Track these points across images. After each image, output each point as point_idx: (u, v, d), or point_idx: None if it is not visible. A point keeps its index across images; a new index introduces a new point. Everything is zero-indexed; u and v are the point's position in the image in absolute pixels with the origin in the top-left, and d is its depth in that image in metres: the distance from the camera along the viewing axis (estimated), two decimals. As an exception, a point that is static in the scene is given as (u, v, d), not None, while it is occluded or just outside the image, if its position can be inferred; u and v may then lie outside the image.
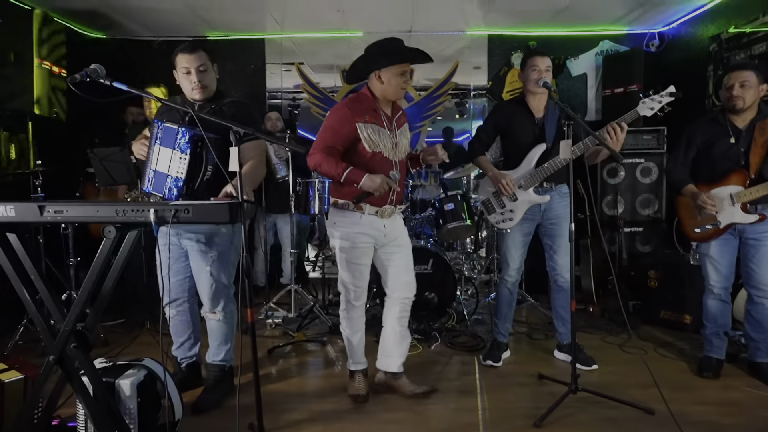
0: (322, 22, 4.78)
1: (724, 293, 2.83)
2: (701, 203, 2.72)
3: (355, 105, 2.44)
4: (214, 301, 2.54)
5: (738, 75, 2.66)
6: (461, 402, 2.60)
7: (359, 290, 2.56)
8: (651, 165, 4.35)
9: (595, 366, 2.96)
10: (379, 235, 2.49)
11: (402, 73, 2.37)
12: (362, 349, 2.68)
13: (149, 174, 2.22)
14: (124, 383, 1.98)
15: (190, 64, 2.38)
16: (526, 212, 2.91)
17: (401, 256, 2.58)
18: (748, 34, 3.71)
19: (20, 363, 2.18)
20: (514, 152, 2.96)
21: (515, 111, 2.94)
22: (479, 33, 5.06)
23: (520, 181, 2.88)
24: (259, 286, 4.62)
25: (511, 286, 3.07)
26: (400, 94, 2.42)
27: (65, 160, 4.07)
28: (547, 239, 3.00)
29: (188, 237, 2.47)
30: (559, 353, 3.15)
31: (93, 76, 1.84)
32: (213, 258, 2.48)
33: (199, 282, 2.55)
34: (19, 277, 1.75)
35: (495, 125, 3.00)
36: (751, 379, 2.81)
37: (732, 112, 2.72)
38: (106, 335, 3.48)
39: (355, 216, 2.46)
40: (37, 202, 1.68)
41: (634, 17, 4.58)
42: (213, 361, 2.64)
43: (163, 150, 2.16)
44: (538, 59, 2.80)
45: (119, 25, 4.66)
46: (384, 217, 2.47)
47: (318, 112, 5.30)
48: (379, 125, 2.43)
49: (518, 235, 2.97)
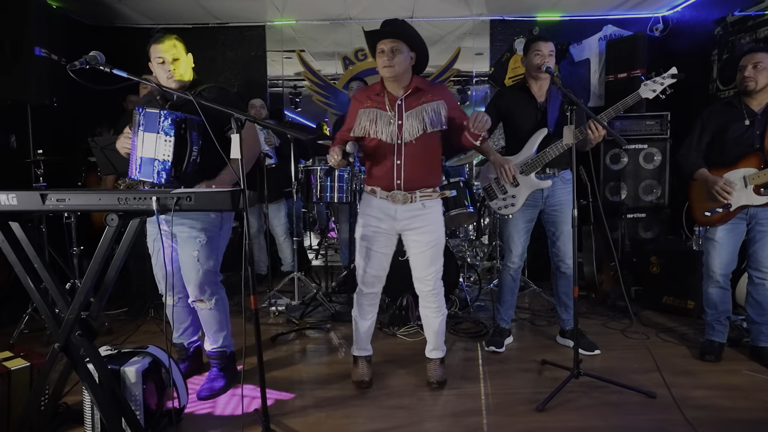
0: (324, 8, 4.74)
1: (723, 280, 2.83)
2: (719, 190, 2.69)
3: (363, 92, 2.52)
4: (201, 288, 2.50)
5: (752, 57, 2.66)
6: (464, 388, 2.61)
7: (369, 276, 2.54)
8: (654, 150, 4.32)
9: (598, 351, 2.97)
10: (389, 220, 2.46)
11: (379, 53, 2.35)
12: (368, 337, 2.69)
13: (136, 161, 2.23)
14: (129, 370, 2.00)
15: (163, 54, 2.36)
16: (528, 198, 2.90)
17: (418, 251, 2.50)
18: (754, 17, 3.67)
19: (26, 351, 2.20)
20: (515, 138, 2.94)
21: (517, 96, 2.92)
22: (481, 18, 5.02)
23: (522, 167, 2.86)
24: (261, 275, 4.63)
25: (514, 273, 3.07)
26: (388, 73, 2.34)
27: (66, 149, 4.06)
28: (549, 226, 2.99)
29: (178, 223, 2.44)
30: (562, 338, 3.16)
31: (92, 63, 1.83)
32: (201, 243, 2.45)
33: (185, 268, 2.49)
34: (23, 265, 1.76)
35: (497, 111, 2.97)
36: (753, 363, 2.82)
37: (745, 94, 2.71)
38: (110, 324, 3.50)
39: (370, 198, 2.51)
40: (39, 191, 1.68)
41: (638, 1, 4.53)
42: (213, 349, 2.65)
43: (147, 135, 2.17)
44: (542, 44, 2.78)
45: (119, 13, 4.62)
46: (396, 202, 2.44)
47: (319, 100, 5.27)
48: (380, 109, 2.41)
49: (521, 221, 2.96)
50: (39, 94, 3.58)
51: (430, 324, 2.64)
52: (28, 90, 3.54)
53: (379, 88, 2.46)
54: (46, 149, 3.44)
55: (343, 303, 3.89)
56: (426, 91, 2.43)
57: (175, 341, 2.78)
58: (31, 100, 3.62)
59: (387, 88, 2.45)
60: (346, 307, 3.74)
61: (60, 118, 4.01)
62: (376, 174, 2.47)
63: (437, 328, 2.63)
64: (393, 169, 2.40)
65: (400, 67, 2.34)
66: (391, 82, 2.42)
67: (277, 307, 3.82)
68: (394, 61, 2.32)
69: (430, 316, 2.62)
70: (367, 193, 2.53)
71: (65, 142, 4.14)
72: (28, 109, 3.68)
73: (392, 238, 2.52)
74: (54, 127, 4.01)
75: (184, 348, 2.79)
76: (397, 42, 2.33)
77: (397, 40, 2.33)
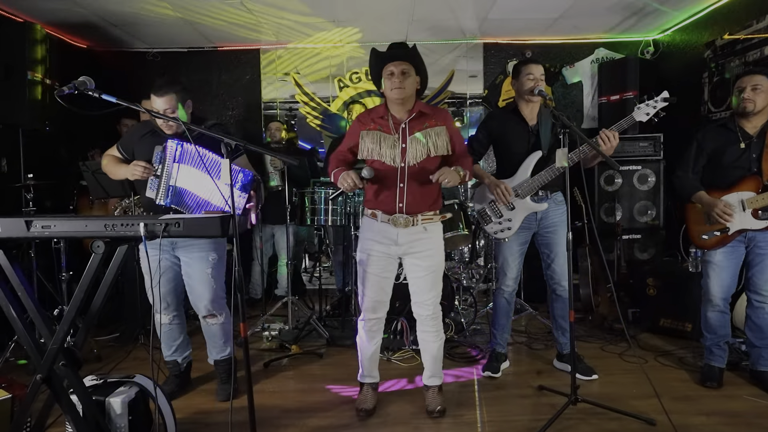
0: (318, 33, 4.78)
1: (723, 304, 2.79)
2: (720, 213, 2.67)
3: (366, 114, 2.51)
4: (215, 303, 2.66)
5: (750, 79, 2.64)
6: (461, 415, 2.55)
7: (371, 302, 2.50)
8: (648, 172, 4.34)
9: (596, 376, 2.93)
10: (390, 244, 2.43)
11: (388, 74, 2.35)
12: (374, 363, 2.64)
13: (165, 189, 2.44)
14: (115, 401, 1.94)
15: (159, 107, 2.46)
16: (523, 221, 2.89)
17: (418, 276, 2.47)
18: (743, 41, 3.72)
19: (8, 382, 2.14)
20: (508, 161, 2.93)
21: (508, 119, 2.92)
22: (475, 42, 5.07)
23: (518, 190, 2.85)
24: (255, 299, 4.57)
25: (509, 296, 3.03)
26: (397, 94, 2.34)
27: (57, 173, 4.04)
28: (544, 248, 2.97)
29: (186, 243, 2.58)
30: (559, 363, 3.11)
31: (81, 88, 1.82)
32: (214, 261, 2.63)
33: (199, 286, 2.63)
34: (6, 294, 1.71)
35: (489, 134, 2.97)
36: (753, 387, 2.77)
37: (742, 116, 2.69)
38: (100, 350, 3.42)
39: (369, 222, 2.48)
40: (24, 217, 1.65)
41: (630, 25, 4.60)
42: (221, 357, 2.79)
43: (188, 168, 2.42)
44: (533, 67, 2.79)
45: (114, 37, 4.65)
46: (397, 226, 2.40)
47: (314, 122, 5.29)
48: (384, 131, 2.40)
49: (515, 244, 2.94)
50: (32, 118, 3.57)
51: (429, 349, 2.58)
52: (21, 114, 3.53)
53: (383, 110, 2.45)
54: (37, 173, 3.41)
55: (337, 327, 3.83)
56: (430, 116, 2.43)
57: (167, 359, 2.84)
58: (23, 124, 3.60)
59: (391, 111, 2.44)
60: (340, 332, 3.68)
61: (52, 142, 4.00)
62: (378, 197, 2.44)
63: (436, 353, 2.58)
64: (396, 192, 2.38)
65: (409, 90, 2.35)
66: (397, 104, 2.41)
67: (270, 332, 3.76)
68: (405, 83, 2.33)
69: (429, 340, 2.56)
70: (367, 217, 2.50)
71: (57, 166, 4.12)
72: (20, 132, 3.65)
73: (394, 262, 2.49)
74: (46, 151, 3.99)
75: (178, 364, 2.85)
76: (407, 65, 2.34)
77: (407, 63, 2.34)
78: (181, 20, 4.27)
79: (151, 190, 2.48)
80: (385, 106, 2.46)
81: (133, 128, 2.69)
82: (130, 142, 2.62)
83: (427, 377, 2.63)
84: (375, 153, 2.38)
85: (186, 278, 2.66)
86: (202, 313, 2.68)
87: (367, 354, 2.60)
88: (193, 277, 2.62)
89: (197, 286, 2.63)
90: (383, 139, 2.39)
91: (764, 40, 3.52)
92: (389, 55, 2.37)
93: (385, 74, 2.37)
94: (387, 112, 2.43)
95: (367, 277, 2.47)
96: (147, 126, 2.63)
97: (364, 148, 2.40)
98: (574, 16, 4.36)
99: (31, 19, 3.95)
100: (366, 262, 2.47)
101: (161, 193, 2.46)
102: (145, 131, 2.62)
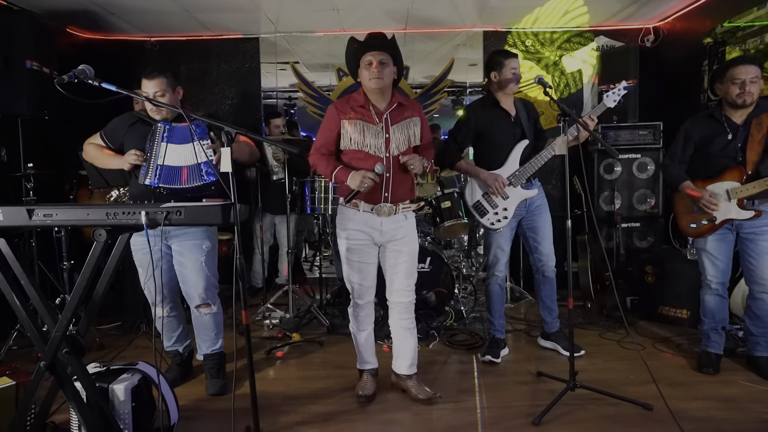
0: (317, 21, 4.75)
1: (721, 288, 2.82)
2: (704, 205, 2.70)
3: (344, 103, 2.48)
4: (208, 292, 2.64)
5: (746, 70, 2.59)
6: (460, 401, 2.58)
7: (361, 288, 2.54)
8: (647, 160, 4.34)
9: (583, 351, 3.08)
10: (374, 233, 2.47)
11: (366, 64, 2.36)
12: (370, 348, 2.67)
13: (153, 169, 2.44)
14: (118, 388, 1.96)
15: (149, 90, 2.48)
16: (516, 208, 2.97)
17: (399, 261, 2.52)
18: (743, 28, 3.70)
19: (12, 369, 2.16)
20: (494, 153, 2.98)
21: (491, 112, 2.97)
22: (474, 30, 5.05)
23: (511, 179, 2.93)
24: (256, 287, 4.60)
25: (501, 282, 3.13)
26: (375, 84, 2.35)
27: (57, 162, 4.03)
28: (530, 232, 3.05)
29: (182, 232, 2.57)
30: (545, 341, 3.23)
31: (81, 77, 1.82)
32: (206, 249, 2.62)
33: (192, 275, 2.61)
34: (9, 282, 1.73)
35: (474, 128, 2.99)
36: (749, 373, 2.80)
37: (734, 107, 2.68)
38: (102, 339, 3.45)
39: (350, 213, 2.48)
40: (26, 206, 1.66)
41: (630, 13, 4.56)
42: (212, 351, 2.75)
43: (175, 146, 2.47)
44: (515, 61, 2.89)
45: (111, 25, 4.62)
46: (381, 215, 2.44)
47: (314, 111, 5.27)
48: (366, 121, 2.41)
49: (507, 231, 3.03)
50: (30, 107, 3.56)
51: (407, 337, 2.61)
52: (20, 103, 3.52)
53: (362, 99, 2.44)
54: (37, 163, 3.41)
55: (338, 315, 3.85)
56: (407, 107, 2.50)
57: (168, 349, 2.85)
58: (22, 114, 3.59)
59: (371, 100, 2.44)
60: (340, 320, 3.71)
61: (52, 131, 3.98)
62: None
63: (414, 342, 2.63)
64: (382, 182, 2.40)
65: (387, 80, 2.38)
66: (376, 94, 2.42)
67: (271, 321, 3.79)
68: (383, 73, 2.35)
69: (407, 327, 2.60)
70: (347, 207, 2.47)
71: (57, 156, 4.11)
72: (19, 122, 3.65)
73: (376, 249, 2.54)
74: (45, 141, 3.98)
75: (179, 353, 2.86)
76: (385, 55, 2.37)
77: (385, 54, 2.37)
78: (180, 9, 4.24)
79: (142, 176, 2.47)
80: (364, 96, 2.45)
81: (118, 118, 2.64)
82: (117, 132, 2.58)
83: (407, 366, 2.63)
84: (359, 143, 2.39)
85: (179, 267, 2.63)
86: (196, 302, 2.65)
87: (361, 341, 2.64)
88: (187, 265, 2.60)
89: (191, 275, 2.60)
90: (367, 128, 2.40)
91: (764, 27, 3.51)
92: (368, 44, 2.39)
93: (363, 64, 2.39)
94: (367, 101, 2.44)
95: (353, 265, 2.50)
96: (133, 116, 2.62)
97: (347, 137, 2.41)
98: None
99: (30, 9, 3.93)
100: (354, 251, 2.48)
101: (150, 173, 2.45)
102: (132, 121, 2.59)
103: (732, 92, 2.64)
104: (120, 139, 2.58)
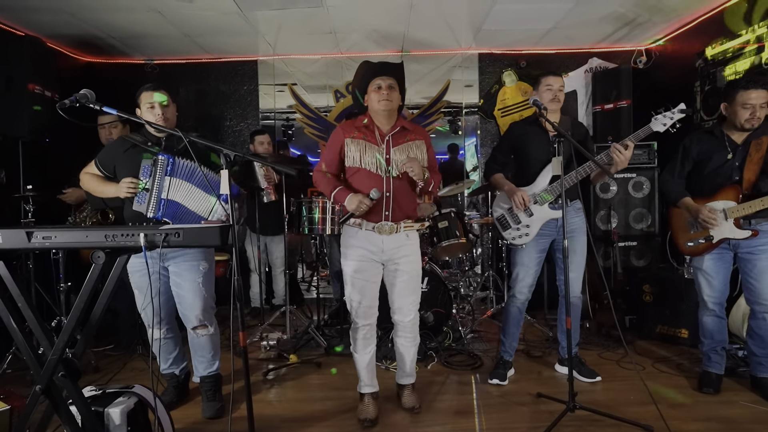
0: (314, 43, 4.83)
1: (718, 309, 2.81)
2: (704, 220, 2.69)
3: (349, 123, 2.59)
4: (205, 313, 2.64)
5: (758, 95, 2.57)
6: (459, 423, 2.56)
7: (360, 307, 2.54)
8: (643, 179, 4.37)
9: (599, 378, 3.00)
10: (376, 251, 2.49)
11: (376, 88, 2.47)
12: (371, 371, 2.66)
13: (156, 202, 2.45)
14: (114, 412, 1.94)
15: (157, 100, 2.53)
16: (542, 227, 2.90)
17: (400, 280, 2.55)
18: (733, 51, 3.77)
19: (6, 393, 2.14)
20: (527, 169, 2.96)
21: (529, 130, 2.96)
22: (470, 52, 5.13)
23: (536, 197, 2.87)
24: (254, 308, 4.57)
25: (521, 305, 3.02)
26: (384, 106, 2.45)
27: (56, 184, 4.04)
28: (558, 253, 2.98)
29: (176, 253, 2.56)
30: (561, 367, 3.17)
31: (83, 101, 1.84)
32: (204, 271, 2.62)
33: (190, 296, 2.60)
34: (6, 305, 1.72)
35: (510, 144, 3.04)
36: (749, 393, 2.79)
37: (739, 129, 2.68)
38: (97, 361, 3.42)
39: (353, 231, 2.53)
40: (25, 228, 1.66)
41: (622, 35, 4.66)
42: (209, 373, 2.73)
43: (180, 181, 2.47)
44: (552, 78, 2.84)
45: (113, 48, 4.69)
46: (382, 233, 2.47)
47: (311, 132, 5.32)
48: (369, 141, 2.48)
49: (534, 251, 2.94)
50: (31, 130, 3.58)
51: (408, 353, 2.71)
52: (21, 126, 3.54)
53: (368, 120, 2.53)
54: (36, 184, 3.43)
55: (335, 336, 3.83)
56: (411, 131, 2.56)
57: (164, 372, 2.83)
58: (23, 137, 3.61)
59: (376, 122, 2.52)
60: (338, 341, 3.68)
61: (52, 153, 4.00)
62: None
63: (413, 356, 2.74)
64: (382, 201, 2.44)
65: (395, 103, 2.49)
66: (383, 117, 2.50)
67: (268, 342, 3.76)
68: (392, 96, 2.45)
69: (408, 345, 2.69)
70: (349, 226, 2.53)
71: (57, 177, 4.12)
72: (20, 144, 3.67)
73: (380, 267, 2.57)
74: (45, 162, 4.00)
75: (175, 376, 2.85)
76: (393, 80, 2.49)
77: (393, 79, 2.49)
78: (180, 33, 4.31)
79: (139, 204, 2.44)
80: (369, 118, 2.54)
81: (111, 144, 2.62)
82: (111, 158, 2.56)
83: (404, 376, 2.77)
84: (360, 161, 2.46)
85: (176, 289, 2.61)
86: (193, 323, 2.63)
87: (363, 363, 2.63)
88: (184, 287, 2.58)
89: (188, 296, 2.59)
90: (368, 147, 2.48)
91: (754, 50, 3.58)
92: (380, 68, 2.51)
93: (372, 87, 2.50)
94: (372, 123, 2.52)
95: (356, 284, 2.52)
96: (126, 142, 2.57)
97: (350, 156, 2.48)
98: (567, 27, 4.42)
99: (32, 33, 3.99)
100: (358, 270, 2.51)
101: (152, 206, 2.44)
102: (126, 147, 2.55)
103: (741, 116, 2.63)
104: (113, 165, 2.56)
